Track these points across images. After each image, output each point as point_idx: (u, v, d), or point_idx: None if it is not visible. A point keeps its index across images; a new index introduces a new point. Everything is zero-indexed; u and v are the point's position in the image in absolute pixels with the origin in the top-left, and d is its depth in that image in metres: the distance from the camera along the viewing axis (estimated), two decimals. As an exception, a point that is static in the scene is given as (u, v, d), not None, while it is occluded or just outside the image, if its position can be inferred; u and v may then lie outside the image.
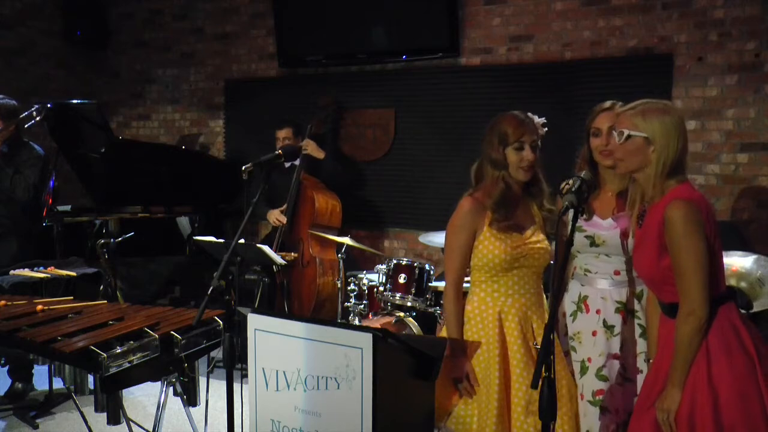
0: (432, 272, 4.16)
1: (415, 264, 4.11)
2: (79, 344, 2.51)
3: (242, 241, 3.66)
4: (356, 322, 4.20)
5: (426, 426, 2.22)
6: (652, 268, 2.17)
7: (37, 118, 4.78)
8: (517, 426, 2.37)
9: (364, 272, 4.62)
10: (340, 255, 4.39)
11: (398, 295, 4.09)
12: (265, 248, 4.00)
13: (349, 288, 4.36)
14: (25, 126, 4.64)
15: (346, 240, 4.36)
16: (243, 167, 2.74)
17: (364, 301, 4.36)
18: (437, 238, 4.32)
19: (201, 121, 6.49)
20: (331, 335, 2.02)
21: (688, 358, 2.06)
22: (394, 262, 4.17)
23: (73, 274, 3.97)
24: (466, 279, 2.55)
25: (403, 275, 4.09)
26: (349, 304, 4.32)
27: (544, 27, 4.84)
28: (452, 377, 2.43)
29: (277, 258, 4.10)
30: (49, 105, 4.92)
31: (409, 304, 4.06)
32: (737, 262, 3.35)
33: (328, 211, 4.87)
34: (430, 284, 4.09)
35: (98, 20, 6.70)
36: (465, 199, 2.53)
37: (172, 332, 2.68)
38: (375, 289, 4.28)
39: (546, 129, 2.54)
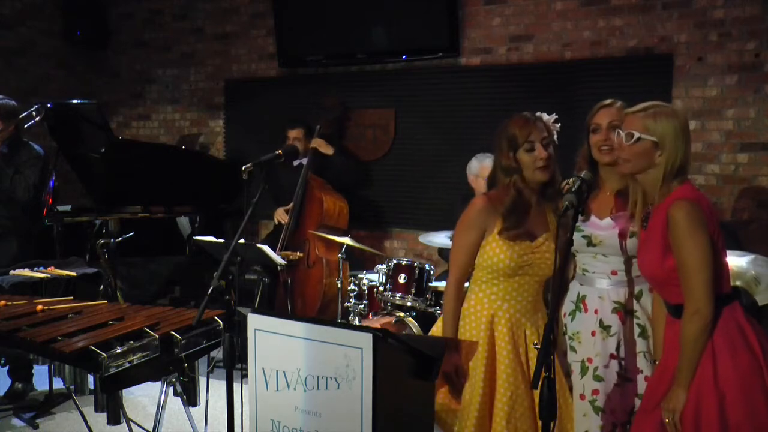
0: (432, 272, 4.15)
1: (415, 264, 4.11)
2: (79, 344, 2.50)
3: (242, 241, 3.66)
4: (356, 322, 4.20)
5: (426, 426, 2.22)
6: (657, 269, 2.17)
7: (37, 118, 4.79)
8: (498, 430, 2.36)
9: (364, 272, 4.62)
10: (340, 255, 4.40)
11: (398, 295, 4.09)
12: (265, 248, 3.99)
13: (349, 288, 4.36)
14: (25, 126, 4.64)
15: (347, 240, 4.36)
16: (243, 167, 2.76)
17: (364, 301, 4.36)
18: (437, 238, 4.32)
19: (201, 121, 6.48)
20: (331, 335, 2.02)
21: (693, 358, 2.06)
22: (394, 262, 4.17)
23: (73, 274, 3.96)
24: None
25: (403, 275, 4.09)
26: (349, 304, 4.32)
27: (544, 27, 4.84)
28: (441, 371, 2.42)
29: (277, 258, 4.09)
30: (49, 105, 4.93)
31: (409, 304, 4.06)
32: (733, 261, 3.36)
33: (336, 212, 4.87)
34: (430, 284, 4.09)
35: (98, 20, 6.70)
36: (478, 197, 2.51)
37: (172, 332, 2.67)
38: (375, 289, 4.28)
39: (559, 125, 2.51)
